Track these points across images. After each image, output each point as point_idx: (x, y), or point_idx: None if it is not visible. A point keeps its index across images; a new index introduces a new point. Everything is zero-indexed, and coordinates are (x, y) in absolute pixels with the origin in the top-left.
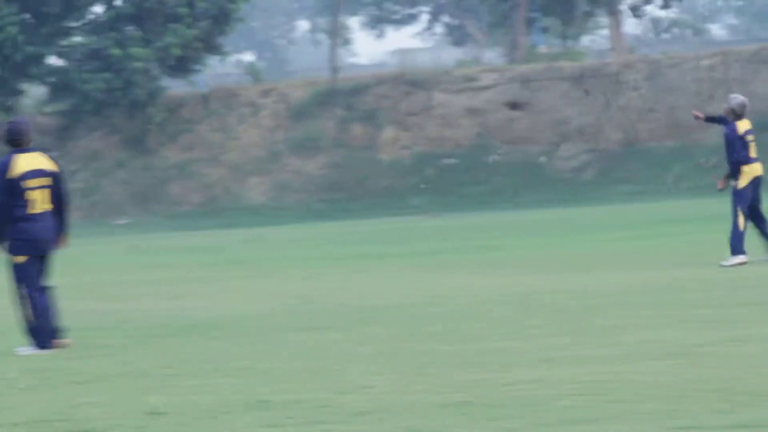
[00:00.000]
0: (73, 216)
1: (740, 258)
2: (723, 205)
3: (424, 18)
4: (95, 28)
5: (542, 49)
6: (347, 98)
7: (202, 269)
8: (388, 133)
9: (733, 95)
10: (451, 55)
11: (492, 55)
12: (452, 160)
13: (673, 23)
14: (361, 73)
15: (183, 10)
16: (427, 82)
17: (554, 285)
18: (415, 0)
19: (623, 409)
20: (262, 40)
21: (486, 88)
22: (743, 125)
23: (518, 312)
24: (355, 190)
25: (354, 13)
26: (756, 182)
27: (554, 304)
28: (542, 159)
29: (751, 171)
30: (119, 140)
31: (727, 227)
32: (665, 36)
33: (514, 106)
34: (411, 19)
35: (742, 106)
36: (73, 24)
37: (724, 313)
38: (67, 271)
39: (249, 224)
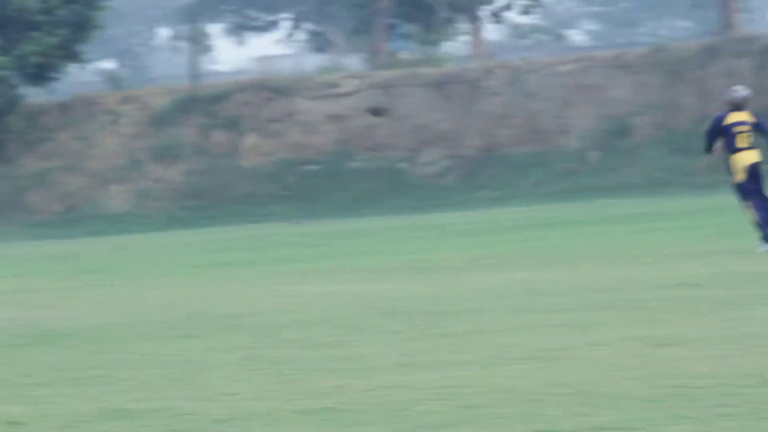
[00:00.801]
0: None
1: None
2: (581, 210)
3: (286, 25)
4: None
5: (403, 55)
6: (208, 105)
7: (61, 278)
8: (250, 140)
9: (734, 87)
10: (313, 61)
11: (353, 62)
12: (314, 167)
13: (533, 29)
14: (222, 80)
15: (42, 18)
16: (289, 88)
17: (414, 290)
18: (275, 7)
19: (481, 414)
20: (122, 47)
21: (347, 94)
22: (734, 116)
23: (378, 318)
24: (217, 197)
25: (214, 20)
26: (751, 170)
27: (414, 309)
28: (403, 165)
29: (739, 161)
30: None
31: (589, 231)
32: (525, 42)
33: (375, 112)
34: (272, 26)
35: (740, 99)
36: None
37: (581, 317)
38: None
39: (111, 232)
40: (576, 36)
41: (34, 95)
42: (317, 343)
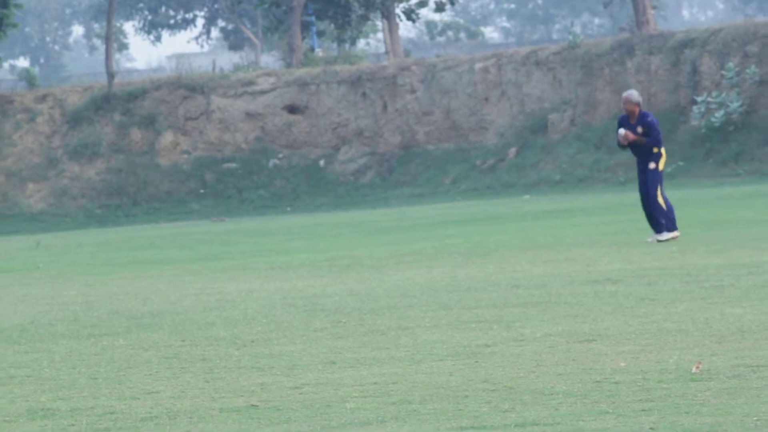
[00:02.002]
0: None
1: (675, 233)
2: (499, 206)
3: (200, 23)
4: None
5: (319, 53)
6: (125, 103)
7: None
8: (167, 137)
9: (630, 91)
10: (228, 59)
11: (269, 59)
12: (232, 165)
13: (447, 26)
14: (138, 78)
15: None
16: (205, 86)
17: (338, 288)
18: (189, 5)
19: (408, 410)
20: (36, 45)
21: (264, 92)
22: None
23: (302, 315)
24: (136, 195)
25: (129, 18)
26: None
27: (338, 306)
28: (322, 162)
29: (665, 155)
30: None
31: (508, 227)
32: (440, 39)
33: (292, 109)
34: (187, 23)
35: (639, 96)
36: None
37: (505, 313)
38: None
39: (28, 231)
40: (491, 33)
41: None
42: (241, 341)
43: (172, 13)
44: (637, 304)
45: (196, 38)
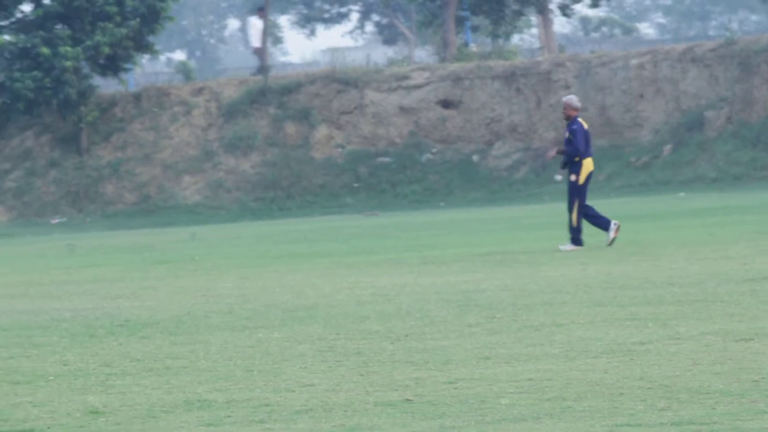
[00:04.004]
0: (7, 215)
1: (580, 246)
2: (654, 203)
3: (354, 17)
4: (23, 26)
5: (473, 48)
6: (279, 97)
7: (137, 268)
8: (321, 131)
9: (570, 96)
10: (382, 53)
11: (423, 54)
12: (386, 159)
13: (602, 22)
14: (292, 72)
15: (112, 9)
16: (359, 80)
17: (491, 283)
18: None
19: (562, 407)
20: (192, 38)
21: (418, 86)
22: (585, 122)
23: (456, 310)
24: (290, 188)
25: (284, 12)
26: (590, 177)
27: (492, 302)
28: (475, 157)
29: (588, 165)
30: (51, 139)
31: (662, 225)
32: (594, 35)
33: (446, 104)
34: (341, 17)
35: (579, 102)
36: (1, 23)
37: (661, 311)
38: (3, 270)
39: (184, 223)
40: (646, 29)
41: (105, 86)
42: (395, 335)
43: (326, 7)
44: None
45: (351, 32)
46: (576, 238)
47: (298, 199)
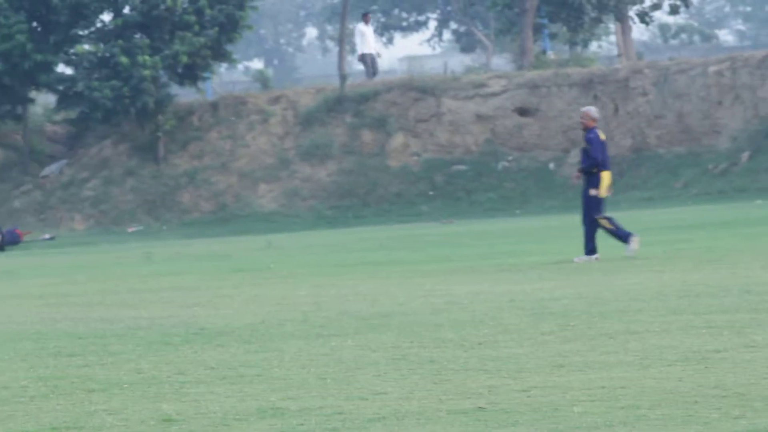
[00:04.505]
0: (85, 223)
1: (594, 257)
2: (732, 211)
3: (432, 25)
4: (103, 36)
5: (550, 55)
6: (356, 105)
7: (213, 277)
8: (398, 139)
9: (589, 107)
10: (460, 61)
11: (500, 62)
12: (462, 167)
13: (681, 29)
14: (370, 80)
15: (190, 18)
16: (436, 88)
17: (566, 291)
18: (422, 7)
19: (636, 415)
20: (270, 47)
21: (495, 94)
22: (602, 133)
23: (530, 318)
24: (366, 197)
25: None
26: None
27: (566, 310)
28: (552, 165)
29: (607, 179)
30: (129, 148)
31: (739, 232)
32: (673, 42)
33: (522, 112)
34: (419, 26)
35: (597, 113)
36: (81, 32)
37: (736, 319)
38: (80, 278)
39: (260, 231)
40: (724, 36)
41: (183, 95)
42: (469, 343)
43: (404, 15)
44: None
45: (428, 40)
46: (626, 238)
47: (373, 207)
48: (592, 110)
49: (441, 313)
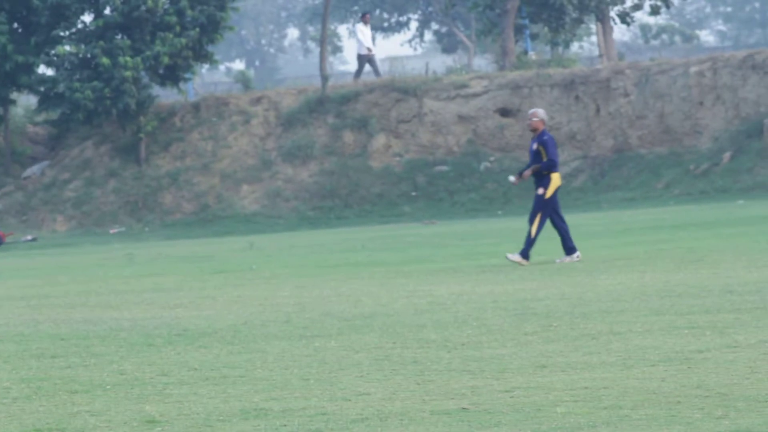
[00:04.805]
0: (67, 225)
1: (525, 261)
2: (713, 211)
3: (413, 26)
4: (84, 37)
5: (532, 56)
6: (338, 106)
7: (195, 278)
8: (380, 140)
9: (537, 108)
10: (441, 62)
11: (481, 63)
12: (444, 168)
13: (662, 30)
14: (351, 81)
15: (171, 19)
16: (418, 89)
17: (549, 291)
18: (403, 8)
19: (619, 415)
20: (251, 48)
21: (476, 95)
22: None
23: (513, 319)
24: (347, 197)
25: (343, 21)
26: (557, 191)
27: (549, 310)
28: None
29: (557, 180)
30: (111, 149)
31: (720, 233)
32: (654, 43)
33: (504, 112)
34: (400, 26)
35: (546, 114)
36: (62, 33)
37: (718, 319)
38: (62, 280)
39: (242, 232)
40: (706, 36)
41: (164, 96)
42: (452, 344)
43: (386, 16)
44: None
45: (410, 41)
46: (526, 252)
47: (355, 208)
48: (541, 112)
49: (424, 314)
